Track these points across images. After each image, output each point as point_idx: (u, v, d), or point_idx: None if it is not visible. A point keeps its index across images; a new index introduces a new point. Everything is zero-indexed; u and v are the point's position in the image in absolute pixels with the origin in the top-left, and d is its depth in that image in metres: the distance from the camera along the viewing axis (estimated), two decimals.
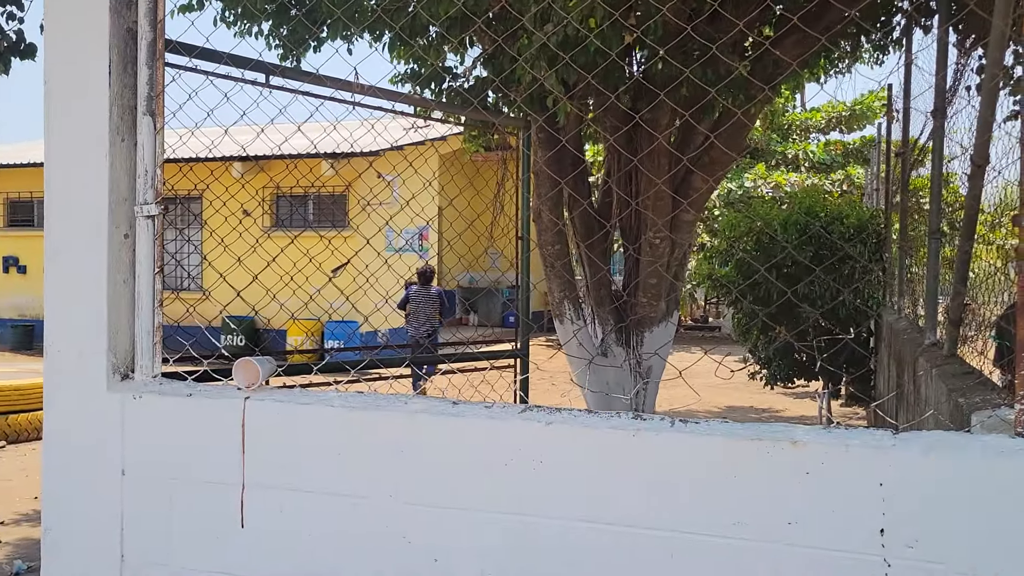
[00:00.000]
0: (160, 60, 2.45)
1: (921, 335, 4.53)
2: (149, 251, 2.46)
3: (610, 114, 5.66)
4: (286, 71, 3.47)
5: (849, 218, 8.54)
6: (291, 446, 2.28)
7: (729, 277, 9.05)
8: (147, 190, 2.45)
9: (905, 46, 6.37)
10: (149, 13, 2.43)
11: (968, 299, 3.51)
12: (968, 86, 3.79)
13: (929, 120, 4.54)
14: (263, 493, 2.29)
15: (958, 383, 2.84)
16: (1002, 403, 2.14)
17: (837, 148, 19.02)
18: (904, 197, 6.75)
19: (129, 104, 2.46)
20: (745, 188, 17.08)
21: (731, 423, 2.01)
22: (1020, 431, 1.79)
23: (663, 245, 5.92)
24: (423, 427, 2.17)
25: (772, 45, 5.20)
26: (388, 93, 4.09)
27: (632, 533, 1.98)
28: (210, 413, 2.35)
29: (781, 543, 1.86)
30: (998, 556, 1.72)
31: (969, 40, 4.18)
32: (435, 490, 2.15)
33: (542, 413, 2.13)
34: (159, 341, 2.50)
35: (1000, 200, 3.24)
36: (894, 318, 6.62)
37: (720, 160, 5.97)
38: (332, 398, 2.33)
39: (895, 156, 7.46)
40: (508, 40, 4.73)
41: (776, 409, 10.64)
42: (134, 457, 2.41)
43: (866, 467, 1.80)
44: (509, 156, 7.73)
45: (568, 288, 6.45)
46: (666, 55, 3.93)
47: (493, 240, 6.70)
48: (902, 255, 6.73)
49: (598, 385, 6.12)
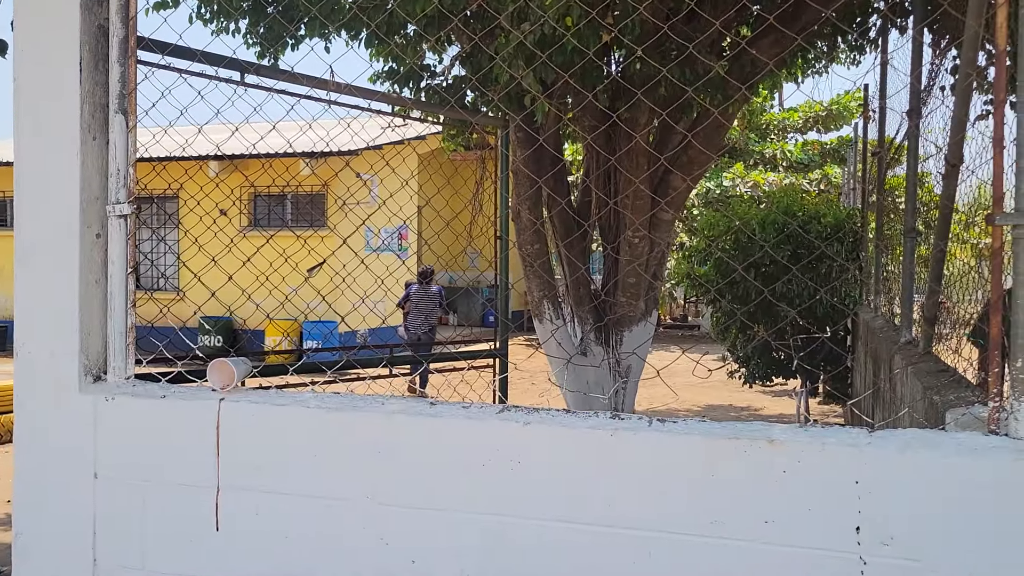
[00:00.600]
0: (132, 58, 2.42)
1: (897, 333, 4.56)
2: (122, 251, 2.43)
3: (588, 113, 5.66)
4: (261, 69, 3.44)
5: (826, 217, 8.60)
6: (267, 448, 2.26)
7: (708, 276, 9.10)
8: (119, 189, 2.42)
9: (881, 46, 6.42)
10: (121, 10, 2.40)
11: (943, 297, 3.54)
12: (942, 86, 3.83)
13: (904, 120, 4.57)
14: (238, 495, 2.27)
15: (933, 381, 2.86)
16: (976, 401, 2.15)
17: (814, 148, 19.14)
18: (880, 196, 6.80)
19: (101, 102, 2.43)
20: (724, 187, 17.16)
21: (709, 422, 2.01)
22: (993, 428, 1.80)
23: (642, 244, 5.93)
24: (400, 428, 2.16)
25: (749, 45, 5.22)
26: (365, 92, 4.06)
27: (610, 533, 1.98)
28: (184, 415, 2.32)
29: (758, 541, 1.86)
30: (973, 552, 1.73)
31: (944, 40, 4.22)
32: (413, 491, 2.13)
33: (520, 413, 2.12)
34: (132, 342, 2.47)
35: (975, 199, 3.27)
36: (871, 316, 6.67)
37: (698, 159, 6.00)
38: (308, 399, 2.31)
39: (871, 155, 7.52)
40: (486, 39, 4.72)
41: (755, 407, 10.70)
42: (107, 459, 2.38)
43: (842, 465, 1.81)
44: (488, 155, 7.72)
45: (547, 287, 6.45)
46: (644, 54, 3.93)
47: (472, 239, 6.69)
48: (878, 254, 6.78)
49: (577, 384, 6.13)
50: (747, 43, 5.26)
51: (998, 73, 1.73)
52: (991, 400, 1.81)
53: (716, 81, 4.74)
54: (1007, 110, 1.79)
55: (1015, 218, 1.73)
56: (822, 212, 8.80)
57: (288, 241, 4.45)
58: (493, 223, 5.26)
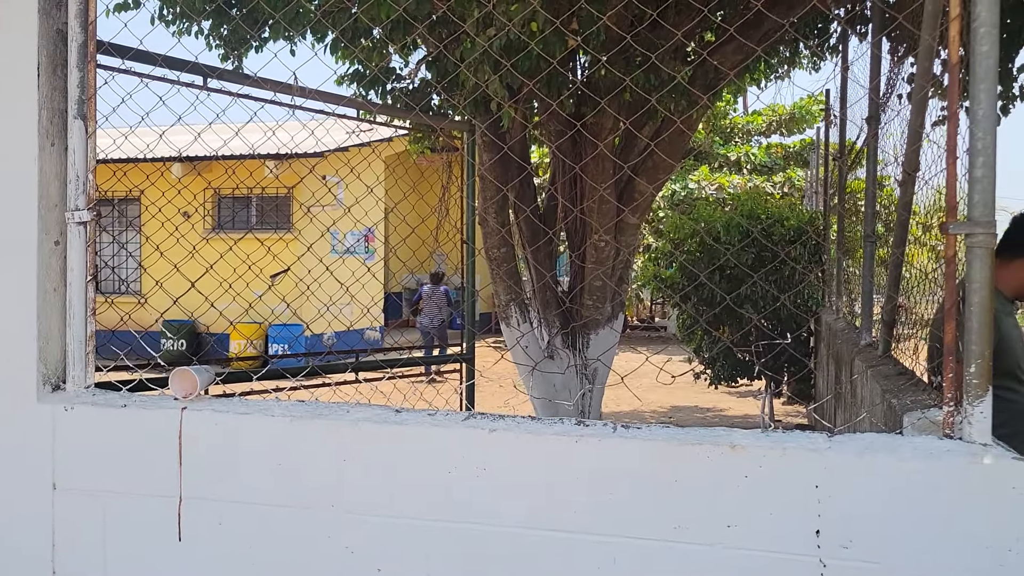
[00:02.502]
0: (92, 62, 2.39)
1: (858, 335, 4.64)
2: (81, 258, 2.39)
3: (554, 119, 5.69)
4: (224, 74, 3.41)
5: (789, 221, 8.72)
6: (230, 457, 2.24)
7: (674, 279, 9.18)
8: (79, 196, 2.39)
9: (841, 53, 6.52)
10: (80, 14, 2.36)
11: (902, 299, 3.61)
12: (900, 94, 3.90)
13: (865, 126, 4.66)
14: (201, 505, 2.25)
15: (891, 384, 2.91)
16: (932, 404, 2.20)
17: (778, 151, 19.39)
18: (842, 200, 6.91)
19: (59, 107, 2.39)
20: (689, 190, 17.32)
21: (672, 428, 2.03)
22: (948, 432, 1.84)
23: (607, 248, 5.97)
24: (366, 435, 2.15)
25: (712, 52, 5.28)
26: (330, 96, 4.04)
27: (576, 539, 1.99)
28: (145, 424, 2.29)
29: (721, 546, 1.88)
30: (929, 554, 1.77)
31: (902, 49, 4.30)
32: (378, 499, 2.13)
33: (485, 420, 2.12)
34: (92, 350, 2.43)
35: (934, 203, 3.34)
36: (833, 318, 6.77)
37: (662, 165, 6.05)
38: (272, 407, 2.30)
39: (833, 160, 7.64)
40: (451, 43, 4.72)
41: (720, 408, 10.80)
42: (66, 470, 2.34)
43: (802, 469, 1.84)
44: (454, 159, 7.72)
45: (514, 291, 6.46)
46: (608, 61, 3.96)
47: (439, 243, 6.68)
48: (840, 257, 6.89)
49: (544, 389, 6.14)
50: (710, 50, 5.32)
51: (951, 85, 1.77)
52: (946, 404, 1.85)
53: (680, 87, 4.79)
54: (962, 117, 1.83)
55: (967, 226, 1.77)
56: (785, 216, 8.92)
57: (253, 245, 4.41)
58: (459, 228, 5.26)
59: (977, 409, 1.79)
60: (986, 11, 1.73)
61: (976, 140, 1.75)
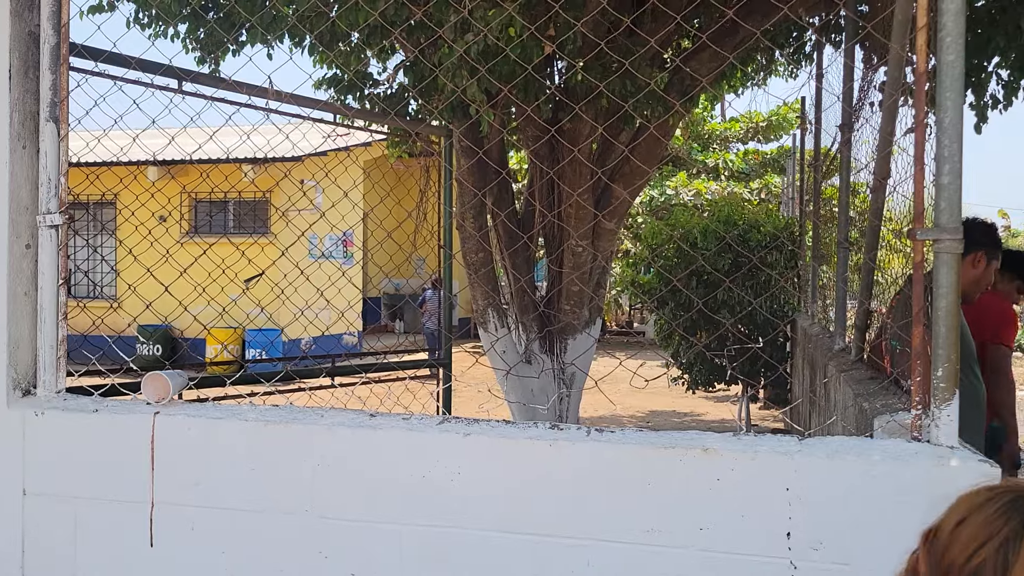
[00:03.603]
0: (64, 65, 2.37)
1: (832, 340, 4.68)
2: (52, 262, 2.37)
3: (532, 124, 5.70)
4: (199, 77, 3.39)
5: (765, 227, 8.80)
6: (203, 462, 2.22)
7: (651, 284, 9.22)
8: (50, 199, 2.37)
9: (816, 61, 6.59)
10: (52, 16, 2.35)
11: (876, 304, 3.65)
12: (871, 102, 3.95)
13: (839, 133, 4.71)
14: (174, 511, 2.23)
15: (863, 388, 2.95)
16: (901, 408, 2.23)
17: (755, 157, 19.55)
18: (817, 206, 6.98)
19: (31, 110, 2.37)
20: (667, 196, 17.42)
21: (645, 431, 2.05)
22: (916, 435, 1.87)
23: (585, 253, 5.99)
24: (340, 440, 2.15)
25: (689, 59, 5.32)
26: (306, 100, 4.03)
27: (549, 542, 1.99)
28: (117, 429, 2.28)
29: (693, 548, 1.90)
30: (899, 556, 1.79)
31: (874, 58, 4.35)
32: (352, 503, 2.13)
33: (460, 424, 2.13)
34: (63, 355, 2.41)
35: (904, 210, 3.38)
36: (808, 323, 6.84)
37: (639, 170, 6.08)
38: (246, 411, 2.29)
39: (808, 167, 7.72)
40: (429, 48, 4.72)
41: (697, 413, 10.86)
42: (36, 476, 2.32)
43: (773, 473, 1.86)
44: (432, 163, 7.72)
45: (492, 296, 6.47)
46: (585, 67, 3.98)
47: (416, 248, 6.68)
48: (815, 262, 6.96)
49: (522, 393, 6.15)
50: (687, 56, 5.36)
51: (918, 94, 1.80)
52: (914, 408, 1.88)
53: (656, 94, 4.82)
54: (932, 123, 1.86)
55: (935, 233, 1.80)
56: (761, 222, 9.00)
57: (229, 249, 4.38)
58: (437, 233, 5.26)
59: (944, 412, 1.82)
60: (952, 21, 1.76)
61: (943, 148, 1.78)
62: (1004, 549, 1.16)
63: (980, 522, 1.20)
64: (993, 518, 1.20)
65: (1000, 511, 1.20)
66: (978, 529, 1.20)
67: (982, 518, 1.21)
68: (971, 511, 1.23)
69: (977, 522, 1.21)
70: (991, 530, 1.18)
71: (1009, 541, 1.16)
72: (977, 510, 1.22)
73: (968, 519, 1.22)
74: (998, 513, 1.20)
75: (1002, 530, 1.18)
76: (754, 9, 5.00)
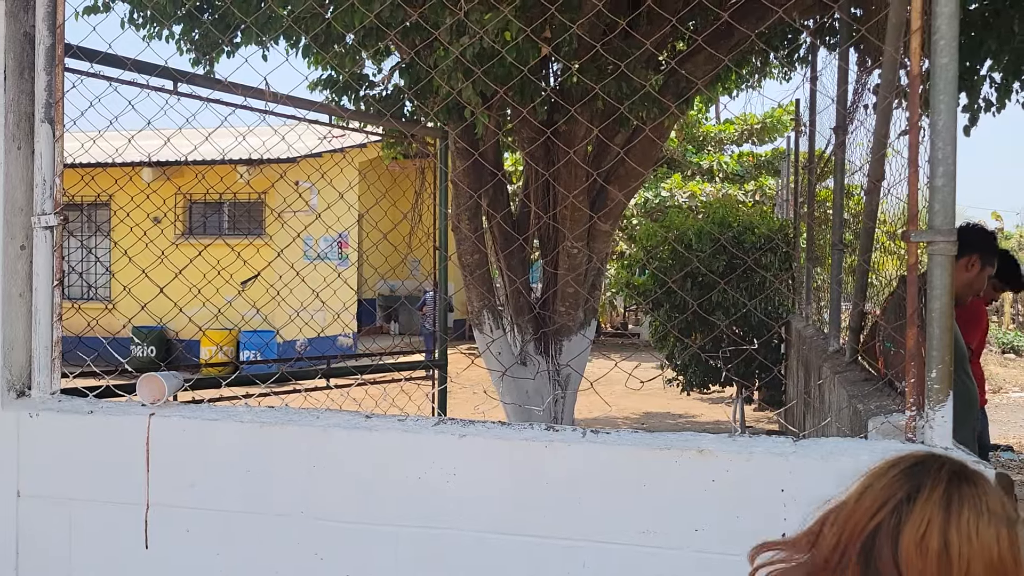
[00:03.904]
0: (60, 66, 2.37)
1: (826, 342, 4.69)
2: (47, 263, 2.37)
3: (527, 126, 5.71)
4: (195, 78, 3.39)
5: (760, 229, 8.81)
6: (199, 463, 2.22)
7: (646, 286, 9.24)
8: (46, 200, 2.36)
9: (810, 64, 6.61)
10: (48, 17, 2.34)
11: (870, 306, 3.66)
12: (866, 104, 3.97)
13: (833, 136, 4.72)
14: (169, 512, 2.23)
15: (857, 389, 2.95)
16: (895, 409, 2.24)
17: (750, 160, 19.58)
18: (811, 208, 7.00)
19: (26, 111, 2.37)
20: (662, 197, 17.44)
21: (641, 433, 2.05)
22: (910, 436, 1.88)
23: (580, 255, 6.00)
24: (336, 441, 2.15)
25: (684, 61, 5.33)
26: (302, 102, 4.03)
27: (545, 544, 2.00)
28: (113, 431, 2.27)
29: (688, 549, 1.90)
30: None
31: (868, 60, 4.37)
32: (348, 505, 2.13)
33: (456, 426, 2.13)
34: (58, 356, 2.41)
35: (898, 212, 3.39)
36: (803, 325, 6.85)
37: (634, 172, 6.09)
38: (242, 413, 2.28)
39: (802, 169, 7.74)
40: (425, 50, 4.73)
41: (692, 414, 10.87)
42: (31, 477, 2.32)
43: (768, 474, 1.86)
44: (427, 165, 7.72)
45: (487, 298, 6.46)
46: (581, 69, 3.99)
47: (412, 249, 6.67)
48: (809, 264, 6.97)
49: (517, 394, 6.15)
50: (682, 59, 5.37)
51: (912, 96, 1.81)
52: (908, 409, 1.88)
53: (651, 96, 4.83)
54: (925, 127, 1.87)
55: (929, 235, 1.81)
56: (756, 224, 9.01)
57: (224, 250, 4.37)
58: (432, 234, 5.26)
59: (938, 413, 1.82)
60: (946, 24, 1.77)
61: (936, 150, 1.79)
62: (898, 510, 1.21)
63: (879, 488, 1.25)
64: (891, 482, 1.25)
65: (898, 476, 1.25)
66: (877, 494, 1.25)
67: (881, 484, 1.26)
68: (872, 479, 1.28)
69: (876, 488, 1.26)
70: (888, 494, 1.23)
71: (902, 502, 1.21)
72: (877, 478, 1.28)
73: (869, 487, 1.27)
74: (895, 478, 1.25)
75: (897, 493, 1.22)
76: (749, 12, 5.01)
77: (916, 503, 1.20)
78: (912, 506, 1.20)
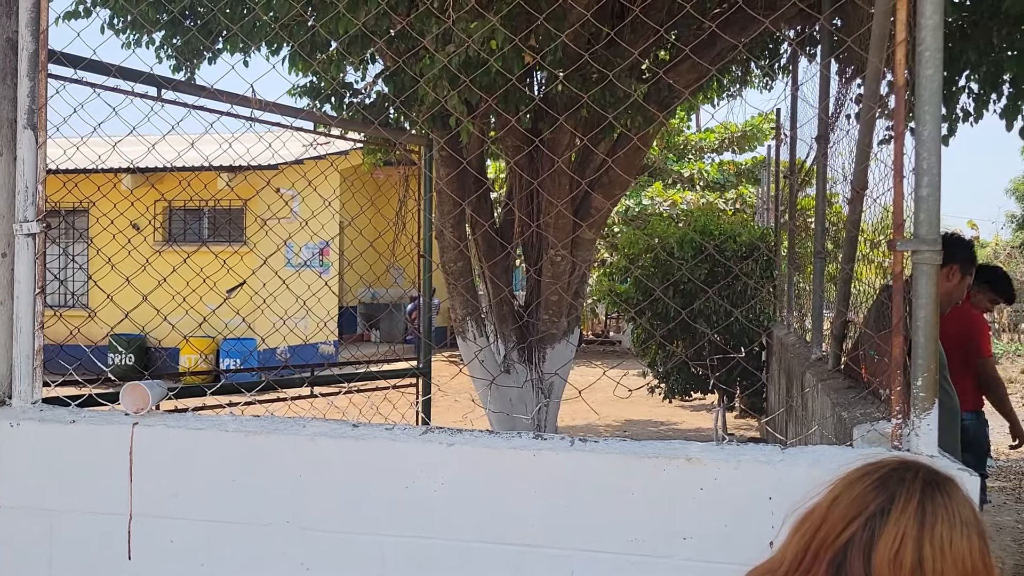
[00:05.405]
0: (43, 72, 2.35)
1: (808, 350, 4.72)
2: (29, 271, 2.35)
3: (512, 134, 5.72)
4: (179, 85, 3.37)
5: (741, 237, 8.87)
6: (183, 473, 2.20)
7: (628, 294, 9.26)
8: (28, 207, 2.34)
9: (792, 74, 6.67)
10: (31, 23, 2.32)
11: (852, 314, 3.69)
12: (848, 114, 4.00)
13: (814, 145, 4.76)
14: (152, 523, 2.20)
15: (841, 397, 2.97)
16: (881, 417, 2.25)
17: (730, 168, 19.70)
18: (792, 217, 7.05)
19: (9, 117, 2.34)
20: (643, 206, 17.51)
21: (629, 441, 2.05)
22: (896, 444, 1.89)
23: (564, 263, 6.00)
24: (323, 450, 2.14)
25: (668, 70, 5.36)
26: (287, 109, 4.02)
27: (534, 552, 1.99)
28: (95, 440, 2.25)
29: (677, 558, 1.90)
30: None
31: (850, 70, 4.41)
32: (335, 514, 2.11)
33: (443, 435, 2.12)
34: (40, 365, 2.38)
35: (881, 221, 3.43)
36: (784, 333, 6.89)
37: (618, 180, 6.11)
38: (227, 422, 2.27)
39: (783, 178, 7.80)
40: (410, 58, 4.72)
41: (674, 422, 10.89)
42: (11, 488, 2.28)
43: (756, 482, 1.87)
44: (411, 172, 7.70)
45: (471, 306, 6.46)
46: (565, 78, 4.00)
47: (395, 257, 6.65)
48: (790, 272, 7.02)
49: (501, 403, 6.14)
50: (666, 68, 5.40)
51: (897, 107, 1.83)
52: (894, 417, 1.90)
53: (635, 104, 4.85)
54: (907, 138, 1.89)
55: (914, 243, 1.82)
56: (737, 232, 9.07)
57: (207, 258, 4.34)
58: (416, 242, 5.25)
59: (924, 421, 1.84)
60: (931, 36, 1.79)
61: (922, 160, 1.81)
62: (871, 523, 1.18)
63: (851, 499, 1.22)
64: (863, 494, 1.22)
65: (870, 487, 1.22)
66: (849, 505, 1.22)
67: (853, 495, 1.23)
68: (844, 488, 1.25)
69: (848, 499, 1.23)
70: (860, 506, 1.20)
71: (875, 516, 1.19)
72: (849, 487, 1.24)
73: (840, 496, 1.24)
74: (868, 489, 1.22)
75: (869, 506, 1.20)
76: (732, 21, 5.05)
77: (890, 517, 1.17)
78: (885, 520, 1.17)
